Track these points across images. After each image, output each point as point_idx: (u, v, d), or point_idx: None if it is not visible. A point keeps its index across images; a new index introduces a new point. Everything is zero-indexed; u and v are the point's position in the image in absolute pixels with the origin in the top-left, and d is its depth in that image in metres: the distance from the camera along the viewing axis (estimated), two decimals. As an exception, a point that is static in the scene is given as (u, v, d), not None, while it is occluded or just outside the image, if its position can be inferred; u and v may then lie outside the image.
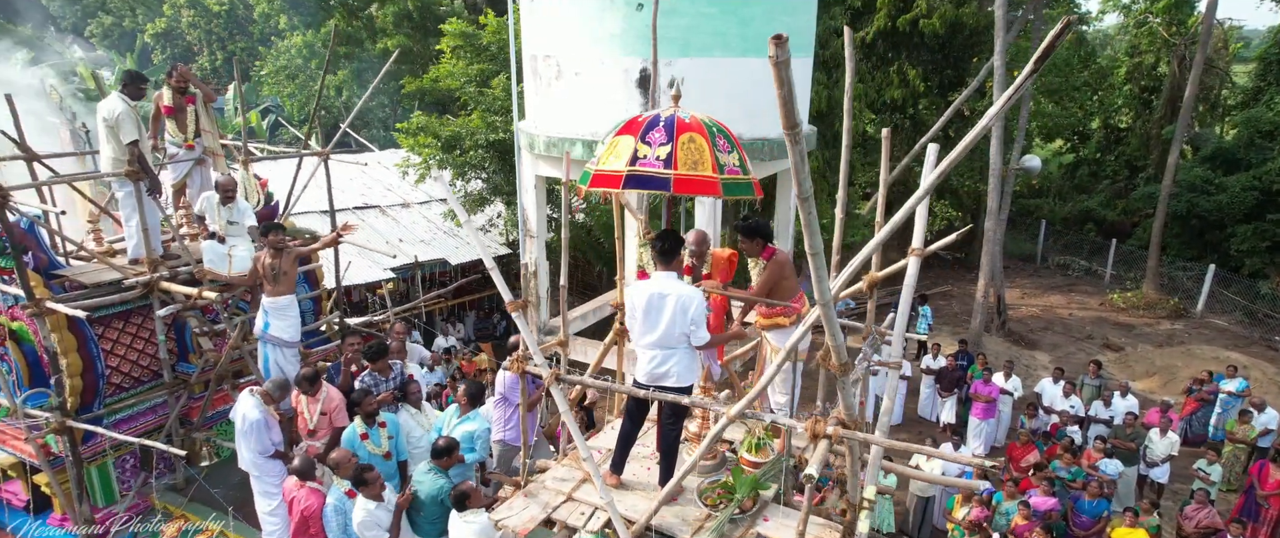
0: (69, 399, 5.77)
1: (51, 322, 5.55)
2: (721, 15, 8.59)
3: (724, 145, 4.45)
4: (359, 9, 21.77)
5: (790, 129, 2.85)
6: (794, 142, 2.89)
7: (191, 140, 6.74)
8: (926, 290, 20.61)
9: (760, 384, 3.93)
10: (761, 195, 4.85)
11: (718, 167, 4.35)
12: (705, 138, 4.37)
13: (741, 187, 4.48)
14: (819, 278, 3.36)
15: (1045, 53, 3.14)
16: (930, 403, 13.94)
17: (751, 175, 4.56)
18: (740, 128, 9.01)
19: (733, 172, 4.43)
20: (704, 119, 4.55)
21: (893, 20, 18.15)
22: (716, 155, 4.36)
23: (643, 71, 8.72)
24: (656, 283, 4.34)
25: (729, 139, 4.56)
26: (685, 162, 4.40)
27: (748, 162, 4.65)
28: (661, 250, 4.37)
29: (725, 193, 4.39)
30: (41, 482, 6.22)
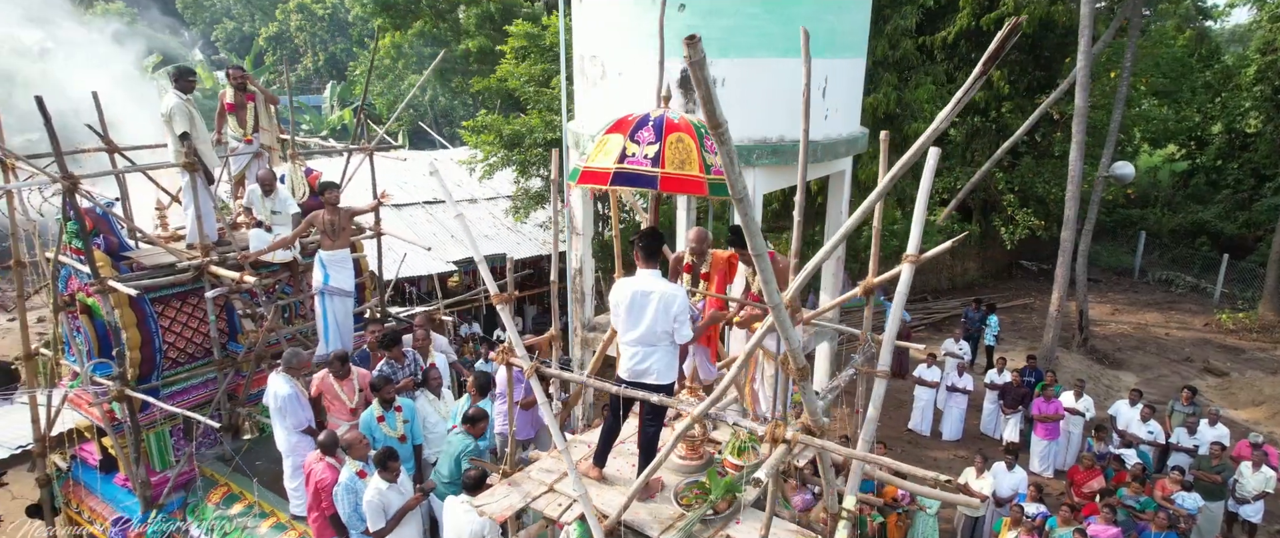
0: (129, 370, 6.35)
1: (114, 299, 6.13)
2: (766, 15, 8.50)
3: (712, 145, 4.46)
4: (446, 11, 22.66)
5: (715, 129, 2.87)
6: (722, 141, 2.91)
7: (250, 135, 7.27)
8: (1001, 301, 19.63)
9: (723, 385, 3.91)
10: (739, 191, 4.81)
11: (705, 166, 4.36)
12: (693, 138, 4.38)
13: (726, 187, 4.48)
14: (765, 280, 3.34)
15: (993, 56, 3.02)
16: (993, 420, 13.31)
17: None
18: (784, 129, 8.97)
19: (720, 171, 4.43)
20: (693, 120, 4.57)
21: (976, 19, 17.38)
22: (703, 155, 4.37)
23: (683, 72, 8.73)
24: (640, 280, 4.39)
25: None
26: (672, 161, 4.42)
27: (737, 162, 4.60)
28: (644, 248, 4.42)
29: (711, 192, 4.40)
30: (108, 444, 6.87)
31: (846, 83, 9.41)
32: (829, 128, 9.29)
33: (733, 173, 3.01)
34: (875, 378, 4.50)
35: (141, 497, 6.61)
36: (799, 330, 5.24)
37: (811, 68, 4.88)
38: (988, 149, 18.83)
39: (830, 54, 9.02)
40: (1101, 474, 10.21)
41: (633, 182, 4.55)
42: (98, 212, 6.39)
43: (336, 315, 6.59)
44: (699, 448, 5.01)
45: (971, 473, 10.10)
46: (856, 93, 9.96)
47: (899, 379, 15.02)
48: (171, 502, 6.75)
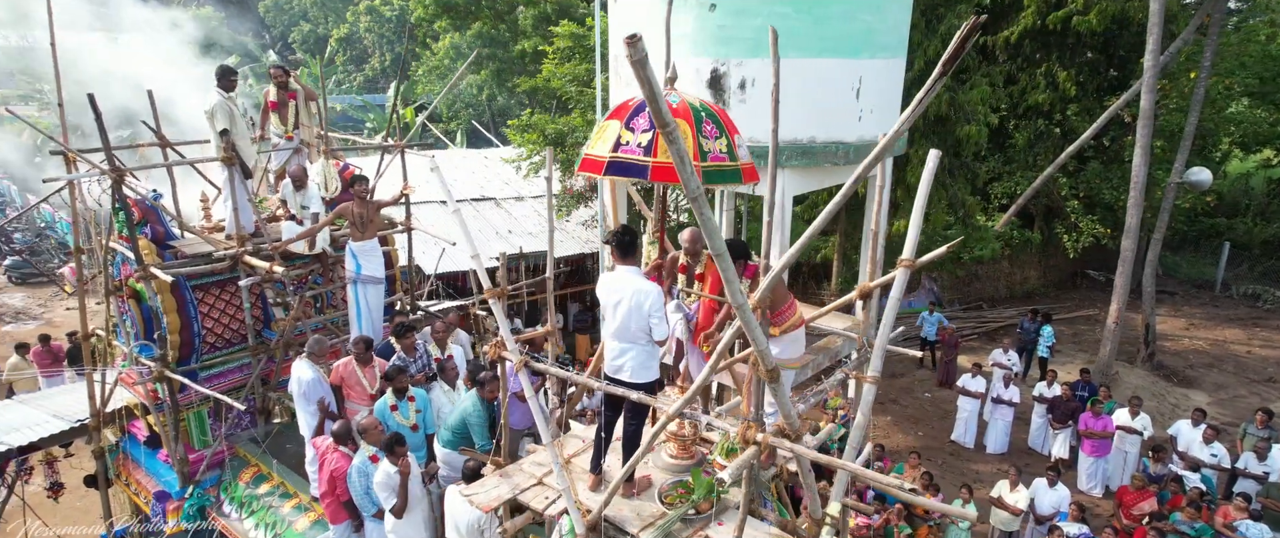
0: (170, 353, 6.76)
1: (156, 285, 6.53)
2: (796, 15, 8.39)
3: (711, 131, 4.43)
4: (505, 12, 23.14)
5: (664, 128, 2.89)
6: (671, 140, 2.91)
7: (291, 132, 7.62)
8: (1063, 312, 18.81)
9: (697, 382, 3.91)
10: (756, 180, 4.76)
11: (700, 154, 4.34)
12: (690, 124, 4.36)
13: (726, 175, 4.45)
14: (727, 279, 3.33)
15: (953, 56, 2.94)
16: (1041, 434, 12.80)
17: (740, 163, 4.49)
18: (813, 130, 8.84)
19: (718, 158, 4.41)
20: (693, 103, 4.52)
21: (1042, 18, 16.68)
22: (700, 142, 4.35)
23: (713, 72, 8.71)
24: (616, 278, 4.43)
25: (719, 124, 4.51)
26: (665, 149, 4.38)
27: (738, 149, 4.57)
28: (619, 245, 4.44)
29: (706, 181, 4.37)
30: (152, 422, 7.32)
31: (883, 84, 9.20)
32: (863, 129, 9.10)
33: (685, 172, 3.01)
34: (865, 384, 4.42)
35: (180, 473, 7.02)
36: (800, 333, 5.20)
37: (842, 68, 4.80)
38: (1051, 153, 18.05)
39: (865, 54, 8.83)
40: (1154, 497, 9.70)
41: (625, 171, 4.57)
42: (146, 202, 6.82)
43: (368, 303, 6.88)
44: (690, 448, 5.01)
45: (1005, 485, 9.76)
46: (895, 95, 9.72)
47: (945, 389, 14.60)
48: (207, 479, 7.14)
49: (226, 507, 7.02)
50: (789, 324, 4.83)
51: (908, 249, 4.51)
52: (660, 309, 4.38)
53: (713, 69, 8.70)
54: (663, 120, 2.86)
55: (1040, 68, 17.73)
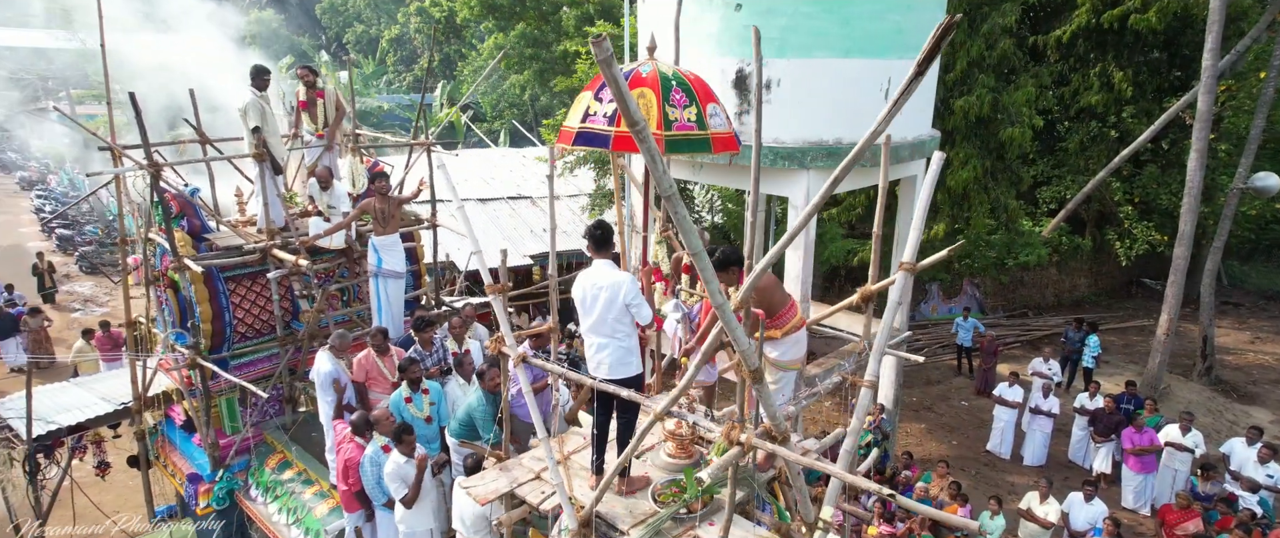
0: (202, 341, 7.05)
1: (190, 275, 6.82)
2: (823, 14, 8.29)
3: (680, 100, 4.39)
4: (550, 13, 23.38)
5: (632, 127, 2.90)
6: (641, 139, 2.93)
7: (320, 130, 7.87)
8: (1115, 322, 18.12)
9: (684, 382, 3.90)
10: (735, 150, 4.68)
11: (665, 122, 4.30)
12: (656, 92, 4.33)
13: (694, 143, 4.41)
14: (706, 279, 3.33)
15: (927, 57, 2.88)
16: (1083, 447, 12.37)
17: (710, 131, 4.43)
18: (841, 131, 8.72)
19: (685, 127, 4.37)
20: (666, 71, 4.47)
21: (1097, 16, 16.10)
22: (666, 110, 4.32)
23: (738, 72, 8.67)
24: (593, 273, 4.45)
25: (689, 92, 4.44)
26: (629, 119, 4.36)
27: (710, 117, 4.50)
28: (595, 239, 4.46)
29: (669, 150, 4.34)
30: (187, 407, 7.64)
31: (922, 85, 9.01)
32: (892, 131, 8.91)
33: (657, 171, 3.03)
34: (861, 388, 4.36)
35: (211, 456, 7.32)
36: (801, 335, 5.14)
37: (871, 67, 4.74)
38: (1105, 157, 17.41)
39: (894, 54, 8.68)
40: (1199, 517, 9.28)
41: (590, 141, 4.59)
42: (183, 196, 7.13)
43: (389, 296, 7.07)
44: (688, 447, 5.01)
45: (1034, 497, 9.47)
46: (927, 95, 9.53)
47: (982, 398, 14.22)
48: (236, 463, 7.43)
49: (253, 491, 7.29)
50: (789, 326, 4.79)
51: (908, 252, 4.43)
52: (637, 296, 4.39)
53: (738, 69, 8.66)
54: (631, 119, 2.88)
55: (1094, 68, 17.12)
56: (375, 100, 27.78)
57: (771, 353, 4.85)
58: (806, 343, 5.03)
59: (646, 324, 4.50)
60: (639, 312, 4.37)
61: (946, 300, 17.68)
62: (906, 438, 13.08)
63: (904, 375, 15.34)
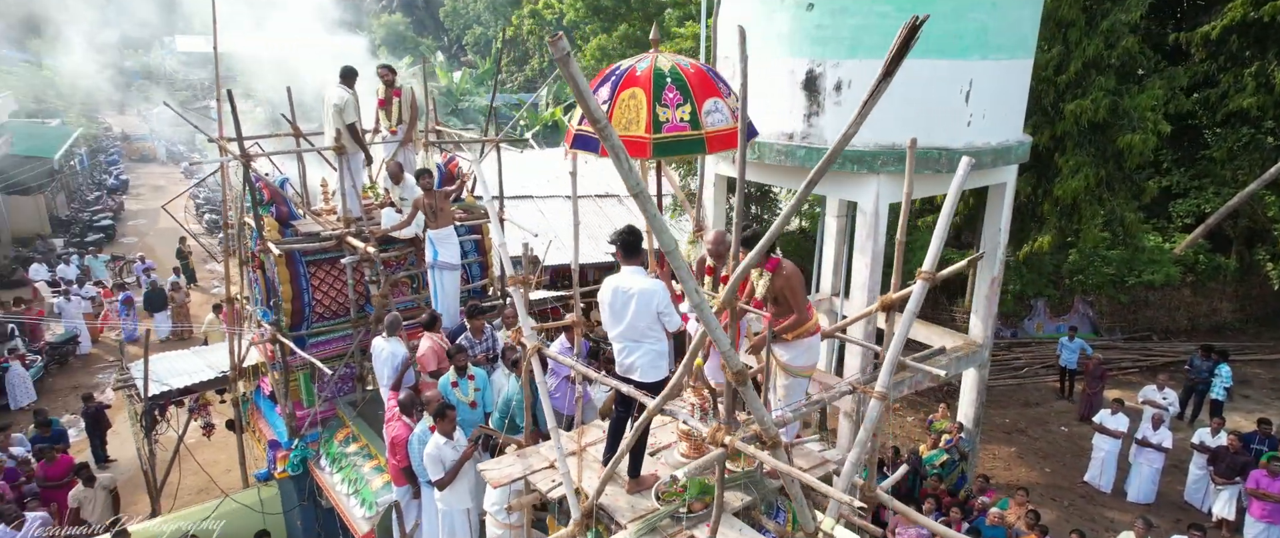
0: (284, 319, 7.67)
1: (274, 257, 7.44)
2: (897, 14, 7.97)
3: (672, 99, 4.25)
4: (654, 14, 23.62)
5: (596, 124, 2.96)
6: (605, 137, 2.98)
7: (395, 127, 8.36)
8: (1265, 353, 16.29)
9: (676, 376, 3.89)
10: (731, 147, 4.46)
11: (654, 124, 4.21)
12: (647, 93, 4.22)
13: (685, 144, 4.28)
14: (683, 279, 3.34)
15: (894, 59, 2.77)
16: (1201, 488, 11.24)
17: (704, 130, 4.28)
18: (915, 134, 8.30)
19: (676, 128, 4.25)
20: (664, 66, 4.33)
21: (1255, 8, 14.49)
22: (656, 111, 4.21)
23: (809, 73, 8.49)
24: (621, 279, 4.49)
25: (685, 90, 4.24)
26: (619, 121, 4.32)
27: (704, 116, 4.33)
28: (624, 245, 4.50)
29: (656, 153, 4.24)
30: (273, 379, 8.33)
31: (1000, 86, 8.51)
32: (971, 135, 8.48)
33: (623, 168, 3.07)
34: (871, 399, 4.21)
35: (288, 426, 7.94)
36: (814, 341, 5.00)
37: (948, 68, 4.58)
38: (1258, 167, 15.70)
39: (977, 55, 8.23)
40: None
41: (585, 145, 4.58)
42: (274, 185, 7.78)
43: (444, 287, 7.44)
44: (703, 447, 4.98)
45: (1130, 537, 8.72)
46: (1017, 98, 8.96)
47: (1086, 425, 13.19)
48: (311, 434, 8.02)
49: (323, 461, 7.85)
50: (802, 330, 4.68)
51: (928, 262, 4.23)
52: (668, 303, 4.41)
53: (808, 70, 8.47)
54: (592, 117, 2.93)
55: (1250, 67, 15.40)
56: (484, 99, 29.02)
57: (781, 356, 4.76)
58: (820, 351, 4.89)
59: (675, 330, 4.52)
60: (669, 319, 4.41)
61: (1054, 318, 16.50)
62: (993, 461, 12.35)
63: (999, 395, 14.50)
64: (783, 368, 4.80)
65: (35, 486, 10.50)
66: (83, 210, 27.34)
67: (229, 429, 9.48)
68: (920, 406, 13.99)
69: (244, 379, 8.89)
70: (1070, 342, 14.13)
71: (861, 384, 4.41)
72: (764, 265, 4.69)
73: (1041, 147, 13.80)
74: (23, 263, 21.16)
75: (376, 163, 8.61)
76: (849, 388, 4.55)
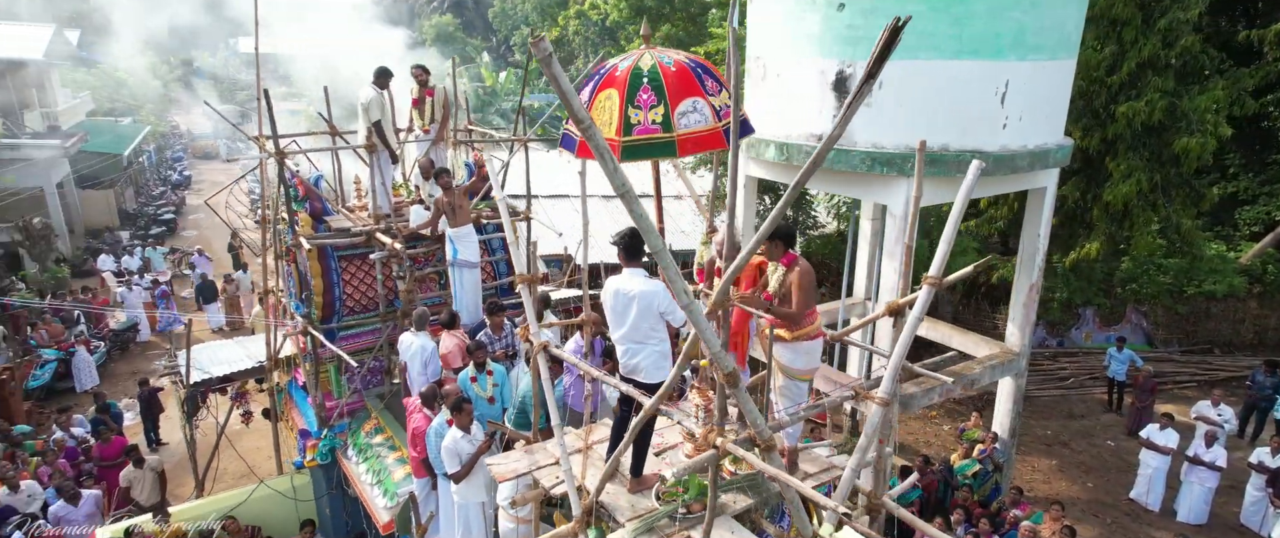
0: (315, 312, 7.90)
1: (306, 251, 7.67)
2: (931, 13, 7.80)
3: (646, 100, 4.15)
4: (697, 14, 23.56)
5: (580, 124, 2.98)
6: (589, 137, 3.00)
7: (427, 125, 8.54)
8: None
9: (671, 376, 3.88)
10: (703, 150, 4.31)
11: (625, 127, 4.13)
12: (621, 94, 4.14)
13: (655, 148, 4.18)
14: (671, 279, 3.34)
15: (878, 60, 2.72)
16: (1259, 511, 10.71)
17: (676, 133, 4.15)
18: (948, 136, 8.18)
19: (646, 131, 4.17)
20: (642, 67, 4.23)
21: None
22: (627, 113, 4.13)
23: (839, 73, 8.36)
24: (622, 281, 4.50)
25: (660, 91, 4.14)
26: (603, 127, 4.27)
27: (677, 118, 4.16)
28: (625, 248, 4.51)
29: (624, 157, 4.14)
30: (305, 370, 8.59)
31: (1038, 88, 8.25)
32: (1006, 138, 8.24)
33: (608, 166, 3.08)
34: (874, 405, 4.14)
35: (318, 416, 8.18)
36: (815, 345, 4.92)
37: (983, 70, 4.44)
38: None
39: (1013, 56, 7.99)
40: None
41: (568, 145, 4.56)
42: (309, 182, 8.02)
43: (464, 284, 7.57)
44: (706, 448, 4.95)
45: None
46: (1057, 100, 8.66)
47: (1133, 439, 12.68)
48: (339, 424, 8.25)
49: (350, 451, 8.06)
50: (804, 331, 4.62)
51: (934, 267, 4.14)
52: (669, 302, 4.40)
53: (838, 71, 8.35)
54: (577, 117, 2.95)
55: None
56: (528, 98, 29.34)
57: (780, 356, 4.72)
58: (820, 356, 4.82)
59: (681, 325, 4.51)
60: (673, 316, 4.41)
61: (1104, 327, 15.90)
62: (1031, 473, 11.97)
63: (1042, 406, 14.04)
64: (781, 369, 4.75)
65: (93, 465, 11.06)
66: (148, 204, 28.61)
67: (265, 418, 9.82)
68: (958, 414, 13.65)
69: (279, 370, 9.19)
70: (1119, 353, 13.60)
71: (865, 389, 4.33)
72: (781, 260, 4.65)
73: (1092, 150, 13.33)
74: (93, 254, 22.25)
75: (409, 161, 8.80)
76: (851, 393, 4.47)
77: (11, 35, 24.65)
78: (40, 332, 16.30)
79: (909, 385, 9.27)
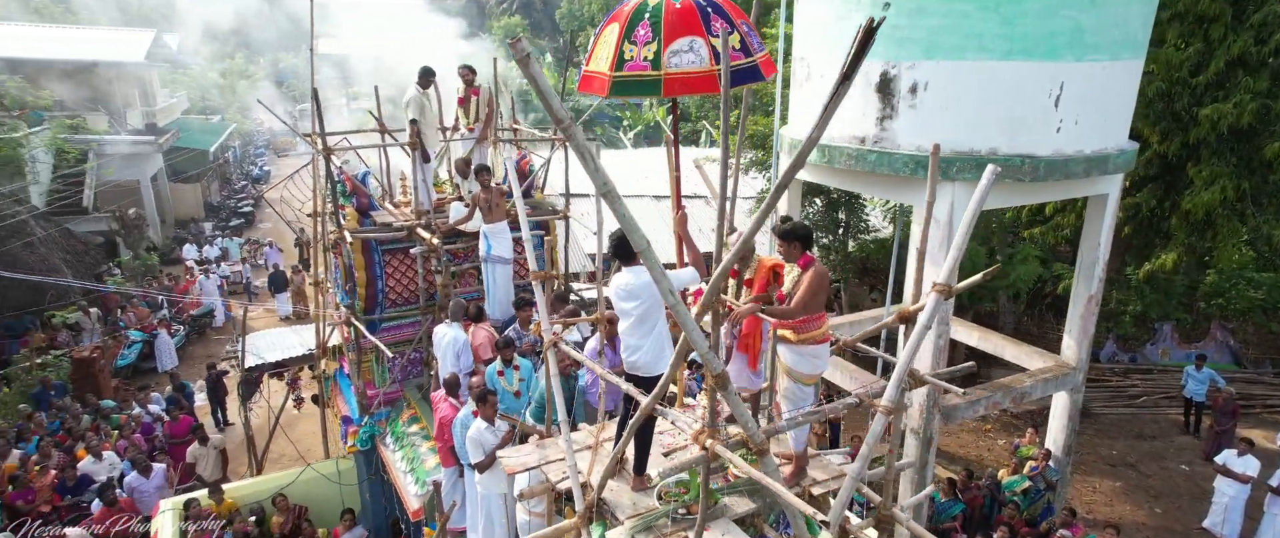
0: (359, 303, 8.19)
1: (352, 243, 7.97)
2: (980, 12, 7.49)
3: (642, 36, 3.93)
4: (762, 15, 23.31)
5: (560, 124, 3.01)
6: (569, 137, 3.03)
7: (472, 124, 8.73)
8: None
9: (664, 380, 3.86)
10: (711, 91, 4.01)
11: (618, 61, 3.94)
12: (621, 28, 3.96)
13: (643, 85, 3.96)
14: (657, 278, 3.33)
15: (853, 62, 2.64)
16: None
17: (663, 72, 3.92)
18: (996, 140, 7.88)
19: (637, 67, 3.93)
20: (640, 4, 4.01)
21: None
22: (622, 48, 3.94)
23: (883, 75, 8.13)
24: (624, 277, 4.51)
25: (656, 28, 3.91)
26: (595, 57, 4.13)
27: (667, 57, 3.92)
28: (615, 252, 4.54)
29: (613, 92, 3.98)
30: (351, 358, 8.92)
31: (1098, 90, 7.82)
32: (1061, 142, 7.84)
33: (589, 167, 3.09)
34: (876, 413, 4.02)
35: (359, 404, 8.48)
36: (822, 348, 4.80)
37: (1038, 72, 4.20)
38: None
39: (1070, 56, 7.61)
40: None
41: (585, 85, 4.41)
42: (356, 178, 8.33)
43: (496, 280, 7.71)
44: (714, 453, 4.90)
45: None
46: (1120, 102, 8.19)
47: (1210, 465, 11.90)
48: (379, 413, 8.52)
49: (388, 439, 8.33)
50: (809, 335, 4.52)
51: (944, 272, 3.99)
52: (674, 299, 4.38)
53: (882, 72, 8.12)
54: (557, 117, 2.98)
55: None
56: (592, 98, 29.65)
57: (785, 359, 4.63)
58: (826, 360, 4.70)
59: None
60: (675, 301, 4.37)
61: (1184, 344, 14.96)
62: (1092, 495, 11.38)
63: (1108, 424, 13.31)
64: (785, 372, 4.67)
65: (164, 441, 11.78)
66: (230, 197, 30.22)
67: (315, 404, 10.24)
68: (1014, 428, 13.09)
69: (327, 358, 9.57)
70: (1198, 372, 12.77)
71: (868, 397, 4.21)
72: (798, 261, 4.58)
73: (1171, 155, 12.54)
74: (179, 243, 23.68)
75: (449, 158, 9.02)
76: (855, 401, 4.35)
77: (115, 39, 26.50)
78: (129, 314, 17.45)
79: (952, 397, 8.96)
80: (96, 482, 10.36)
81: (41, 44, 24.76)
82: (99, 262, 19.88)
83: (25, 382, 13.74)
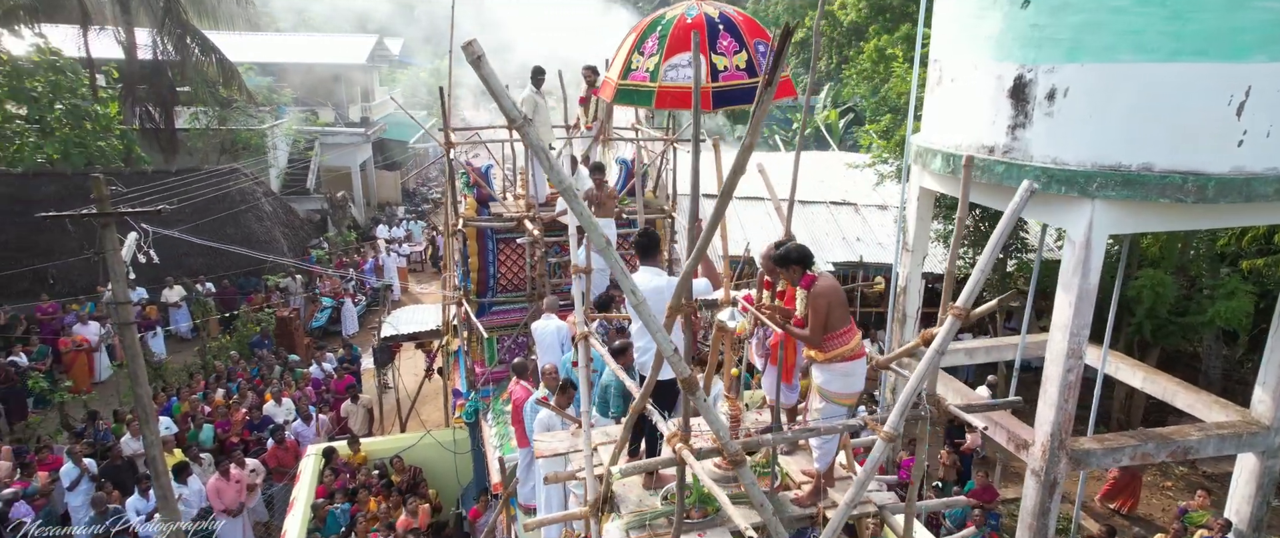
0: (473, 286, 8.81)
1: (467, 232, 8.59)
2: (1139, 8, 6.53)
3: (649, 48, 4.20)
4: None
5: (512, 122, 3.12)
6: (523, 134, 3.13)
7: (590, 123, 9.05)
8: None
9: (646, 387, 3.82)
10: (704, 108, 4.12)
11: (625, 69, 4.20)
12: (635, 39, 4.22)
13: (639, 95, 4.22)
14: (620, 278, 3.33)
15: (773, 67, 2.48)
16: None
17: (657, 84, 4.14)
18: (1150, 155, 6.89)
19: (638, 78, 4.19)
20: (666, 15, 4.28)
21: None
22: (632, 56, 4.21)
23: (1017, 79, 7.35)
24: (639, 277, 4.51)
25: (662, 42, 4.17)
26: (613, 64, 4.36)
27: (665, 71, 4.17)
28: (641, 247, 4.51)
29: (616, 99, 4.23)
30: (467, 338, 9.61)
31: None
32: (1243, 158, 6.63)
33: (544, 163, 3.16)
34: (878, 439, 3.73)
35: (468, 380, 9.12)
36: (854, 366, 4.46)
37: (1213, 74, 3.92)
38: None
39: (1262, 55, 6.42)
40: None
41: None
42: (479, 170, 8.96)
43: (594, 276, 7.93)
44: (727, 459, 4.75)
45: None
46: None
47: None
48: (485, 390, 9.11)
49: (489, 415, 8.88)
50: (836, 352, 4.24)
51: (963, 298, 3.59)
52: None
53: (1017, 76, 7.33)
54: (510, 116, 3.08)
55: None
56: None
57: (816, 377, 4.38)
58: (863, 379, 4.37)
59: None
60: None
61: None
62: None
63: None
64: (818, 391, 4.42)
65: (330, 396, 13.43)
66: (423, 184, 33.41)
67: (438, 376, 11.14)
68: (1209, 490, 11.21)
69: (451, 335, 10.38)
70: None
71: (872, 420, 3.89)
72: (800, 283, 4.36)
73: None
74: (376, 223, 26.64)
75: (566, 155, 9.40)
76: (860, 423, 4.02)
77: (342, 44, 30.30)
78: (324, 283, 19.95)
79: (1087, 442, 7.95)
80: (273, 423, 12.02)
81: (284, 50, 28.93)
82: (310, 236, 22.88)
83: (242, 333, 16.28)
